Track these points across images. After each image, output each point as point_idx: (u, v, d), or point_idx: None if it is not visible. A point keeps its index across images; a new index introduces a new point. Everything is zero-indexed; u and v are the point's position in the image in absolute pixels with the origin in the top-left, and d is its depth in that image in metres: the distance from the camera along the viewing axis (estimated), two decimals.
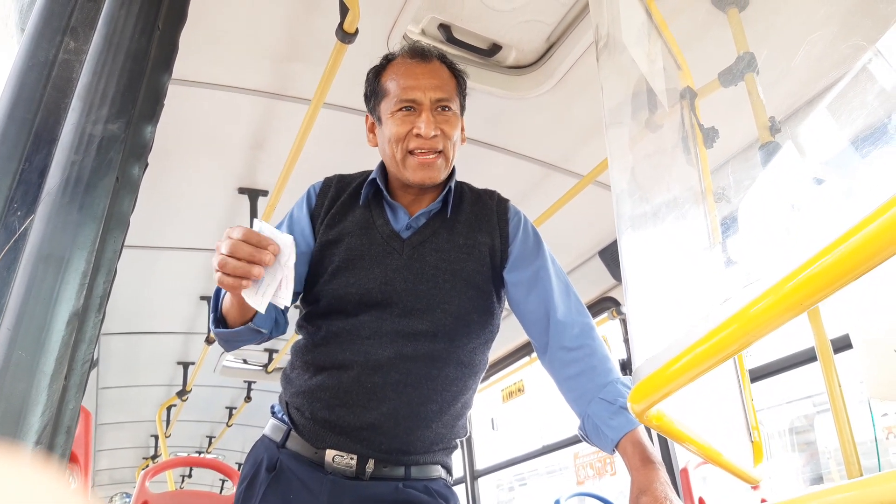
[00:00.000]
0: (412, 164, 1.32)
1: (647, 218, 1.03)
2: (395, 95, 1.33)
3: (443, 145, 1.32)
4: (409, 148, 1.31)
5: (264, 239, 1.03)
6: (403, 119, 1.32)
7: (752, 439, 1.26)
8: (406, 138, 1.31)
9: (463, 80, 1.41)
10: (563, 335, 1.32)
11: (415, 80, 1.33)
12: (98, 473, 7.14)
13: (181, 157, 2.34)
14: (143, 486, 2.86)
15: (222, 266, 1.03)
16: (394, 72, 1.36)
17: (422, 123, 1.30)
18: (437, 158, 1.32)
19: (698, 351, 0.67)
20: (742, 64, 1.37)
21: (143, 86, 0.72)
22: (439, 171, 1.34)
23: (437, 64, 1.37)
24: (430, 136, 1.30)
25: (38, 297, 0.58)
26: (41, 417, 0.55)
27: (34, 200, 0.64)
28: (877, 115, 0.85)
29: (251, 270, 1.02)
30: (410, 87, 1.32)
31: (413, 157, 1.32)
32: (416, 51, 1.38)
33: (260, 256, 1.02)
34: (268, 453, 1.32)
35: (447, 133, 1.33)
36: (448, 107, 1.34)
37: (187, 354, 4.37)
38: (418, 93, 1.32)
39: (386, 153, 1.36)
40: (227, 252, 1.03)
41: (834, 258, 0.51)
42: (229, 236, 1.04)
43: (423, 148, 1.31)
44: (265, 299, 1.06)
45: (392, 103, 1.33)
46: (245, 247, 1.02)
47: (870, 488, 0.56)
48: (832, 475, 6.02)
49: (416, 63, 1.36)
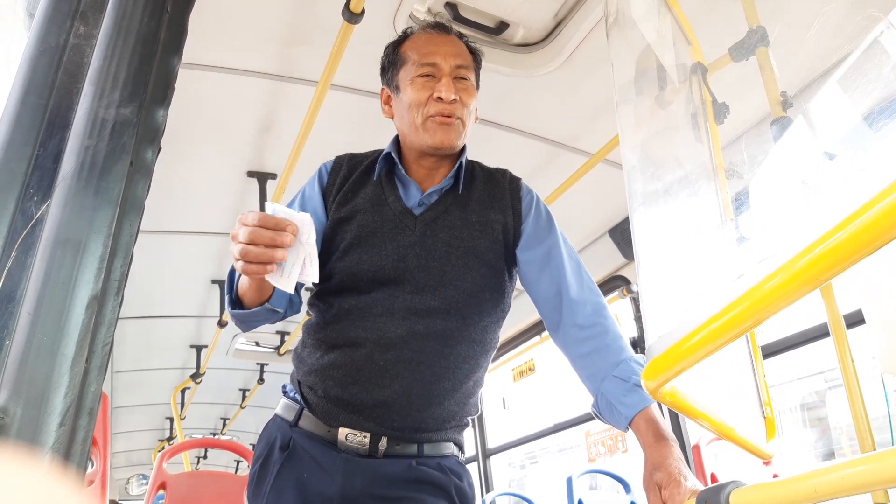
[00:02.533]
0: (432, 126, 1.33)
1: (659, 195, 1.03)
2: (415, 61, 1.35)
3: (460, 112, 1.34)
4: (429, 113, 1.33)
5: (281, 221, 1.02)
6: (424, 84, 1.33)
7: (764, 415, 1.27)
8: (427, 103, 1.33)
9: (479, 58, 1.44)
10: (576, 313, 1.32)
11: (435, 46, 1.36)
12: (115, 456, 7.25)
13: (190, 142, 2.34)
14: (160, 468, 2.91)
15: (244, 255, 1.02)
16: (414, 42, 1.39)
17: (442, 87, 1.31)
18: (455, 122, 1.34)
19: (712, 327, 0.67)
20: (754, 38, 1.36)
21: (154, 69, 0.72)
22: (459, 135, 1.35)
23: (456, 38, 1.41)
24: (449, 101, 1.31)
25: (57, 282, 0.59)
26: (64, 399, 0.56)
27: (50, 185, 0.64)
28: (893, 88, 0.84)
29: (274, 254, 1.02)
30: (431, 52, 1.35)
31: (432, 120, 1.33)
32: (438, 25, 1.42)
33: (281, 239, 1.01)
34: (281, 432, 1.33)
35: (465, 101, 1.34)
36: (466, 77, 1.36)
37: (200, 338, 4.42)
38: (439, 58, 1.34)
39: (405, 120, 1.37)
40: (246, 240, 1.01)
41: (847, 234, 0.50)
42: (244, 223, 1.03)
43: (444, 112, 1.32)
44: (292, 280, 1.05)
45: (412, 70, 1.35)
46: (264, 232, 1.01)
47: (883, 462, 0.56)
48: (843, 450, 6.04)
49: (436, 33, 1.39)
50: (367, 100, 2.16)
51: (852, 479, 0.57)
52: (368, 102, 2.17)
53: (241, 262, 1.03)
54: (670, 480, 1.03)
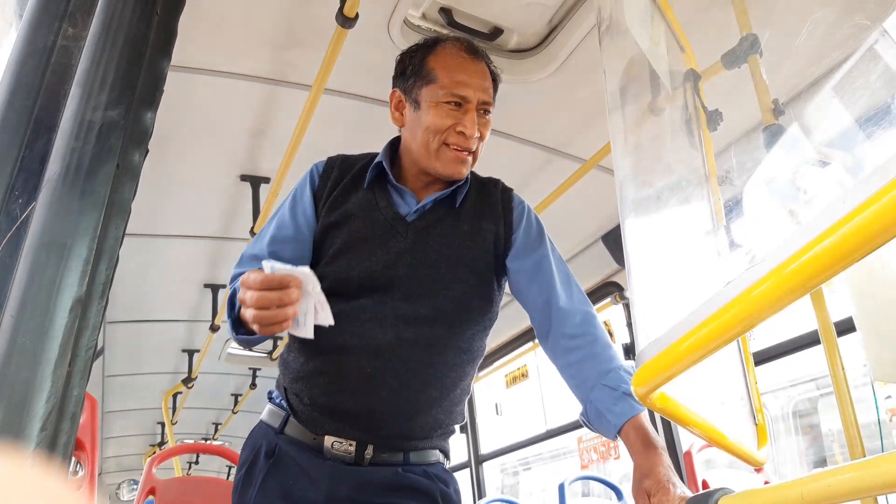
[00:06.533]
0: (447, 157, 1.33)
1: (651, 201, 1.03)
2: (445, 87, 1.32)
3: (476, 146, 1.35)
4: (446, 140, 1.32)
5: (284, 279, 1.04)
6: (450, 112, 1.31)
7: (755, 422, 1.27)
8: (447, 132, 1.32)
9: (497, 85, 1.42)
10: (565, 322, 1.32)
11: (468, 76, 1.33)
12: (105, 461, 7.20)
13: (183, 145, 2.33)
14: (150, 473, 2.88)
15: (259, 320, 1.04)
16: (446, 60, 1.35)
17: (468, 123, 1.31)
18: (469, 156, 1.34)
19: (702, 333, 0.67)
20: (745, 45, 1.36)
21: (143, 72, 0.72)
22: (469, 168, 1.36)
23: (485, 66, 1.38)
24: (472, 136, 1.31)
25: (41, 284, 0.58)
26: (46, 404, 0.55)
27: (35, 188, 0.64)
28: (880, 96, 0.85)
29: (286, 313, 1.04)
30: (464, 84, 1.32)
31: (448, 149, 1.32)
32: (470, 46, 1.38)
33: (289, 298, 1.03)
34: (266, 439, 1.32)
35: (483, 136, 1.35)
36: (489, 111, 1.36)
37: (192, 342, 4.39)
38: (470, 91, 1.32)
39: (417, 139, 1.35)
40: (255, 306, 1.03)
41: (836, 239, 0.50)
42: (247, 287, 1.05)
43: (461, 146, 1.32)
44: (308, 328, 1.09)
45: (440, 94, 1.32)
46: (271, 295, 1.03)
47: (873, 469, 0.56)
48: (836, 458, 6.04)
49: (470, 59, 1.36)
50: (361, 104, 2.16)
51: (840, 487, 0.57)
52: (362, 107, 2.16)
53: (257, 326, 1.05)
54: (659, 488, 1.03)
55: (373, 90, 1.39)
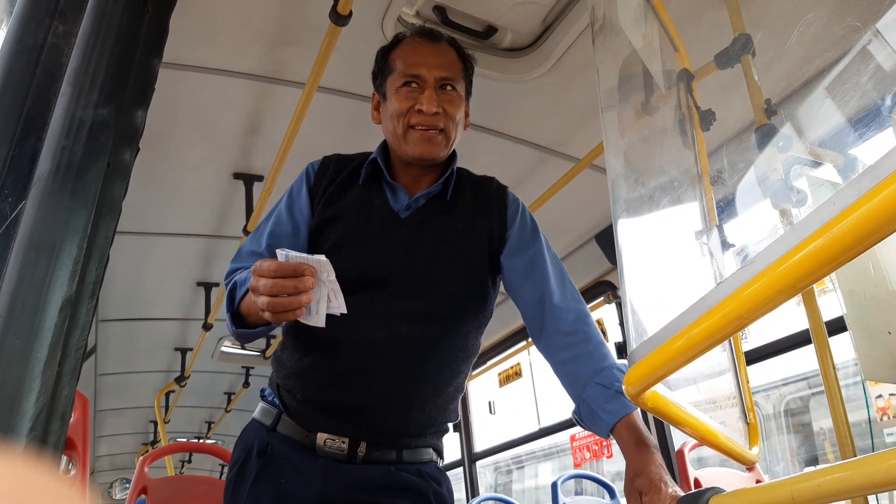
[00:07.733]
0: (413, 139, 1.33)
1: (643, 201, 1.03)
2: (400, 72, 1.34)
3: (444, 124, 1.33)
4: (410, 123, 1.32)
5: (299, 266, 1.03)
6: (407, 95, 1.33)
7: (747, 421, 1.27)
8: (408, 113, 1.32)
9: (470, 65, 1.43)
10: (559, 320, 1.32)
11: (421, 57, 1.35)
12: (98, 460, 7.17)
13: (175, 143, 2.32)
14: (142, 472, 2.87)
15: (272, 307, 1.02)
16: (401, 50, 1.38)
17: (425, 100, 1.31)
18: (437, 135, 1.33)
19: (693, 332, 0.67)
20: (738, 45, 1.36)
21: (134, 70, 0.71)
22: (439, 147, 1.34)
23: (446, 46, 1.39)
24: (431, 113, 1.31)
25: (31, 284, 0.58)
26: (35, 404, 0.55)
27: (25, 187, 0.63)
28: (872, 97, 0.85)
29: (301, 300, 1.03)
30: (416, 64, 1.34)
31: (414, 131, 1.33)
32: (425, 31, 1.41)
33: (304, 285, 1.02)
34: (258, 437, 1.32)
35: (449, 112, 1.34)
36: (452, 86, 1.35)
37: (185, 340, 4.38)
38: (423, 69, 1.33)
39: (388, 129, 1.37)
40: (269, 293, 1.02)
41: (827, 240, 0.51)
42: (260, 275, 1.03)
43: (425, 124, 1.32)
44: (321, 316, 1.07)
45: (397, 79, 1.34)
46: (285, 282, 1.02)
47: (861, 469, 0.56)
48: (827, 456, 6.07)
49: (424, 42, 1.38)
50: (355, 102, 2.16)
51: (829, 487, 0.57)
52: (356, 105, 2.16)
53: (269, 313, 1.03)
54: (651, 486, 1.03)
55: (366, 88, 1.39)
